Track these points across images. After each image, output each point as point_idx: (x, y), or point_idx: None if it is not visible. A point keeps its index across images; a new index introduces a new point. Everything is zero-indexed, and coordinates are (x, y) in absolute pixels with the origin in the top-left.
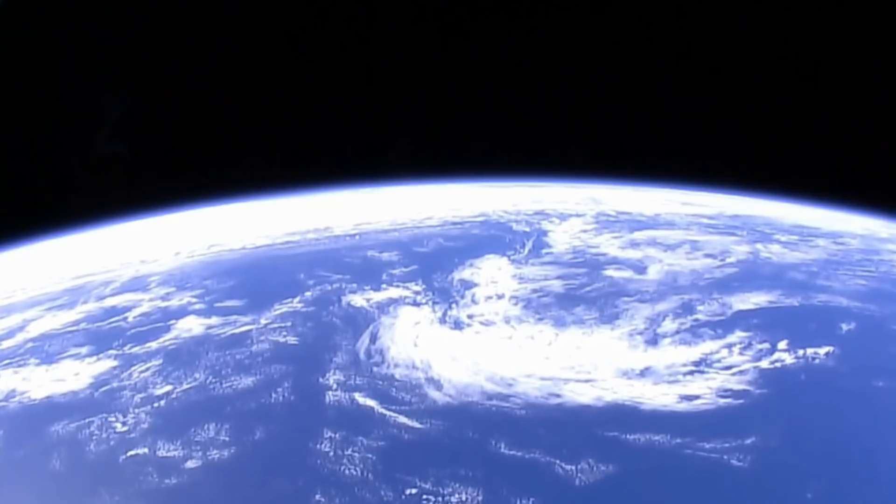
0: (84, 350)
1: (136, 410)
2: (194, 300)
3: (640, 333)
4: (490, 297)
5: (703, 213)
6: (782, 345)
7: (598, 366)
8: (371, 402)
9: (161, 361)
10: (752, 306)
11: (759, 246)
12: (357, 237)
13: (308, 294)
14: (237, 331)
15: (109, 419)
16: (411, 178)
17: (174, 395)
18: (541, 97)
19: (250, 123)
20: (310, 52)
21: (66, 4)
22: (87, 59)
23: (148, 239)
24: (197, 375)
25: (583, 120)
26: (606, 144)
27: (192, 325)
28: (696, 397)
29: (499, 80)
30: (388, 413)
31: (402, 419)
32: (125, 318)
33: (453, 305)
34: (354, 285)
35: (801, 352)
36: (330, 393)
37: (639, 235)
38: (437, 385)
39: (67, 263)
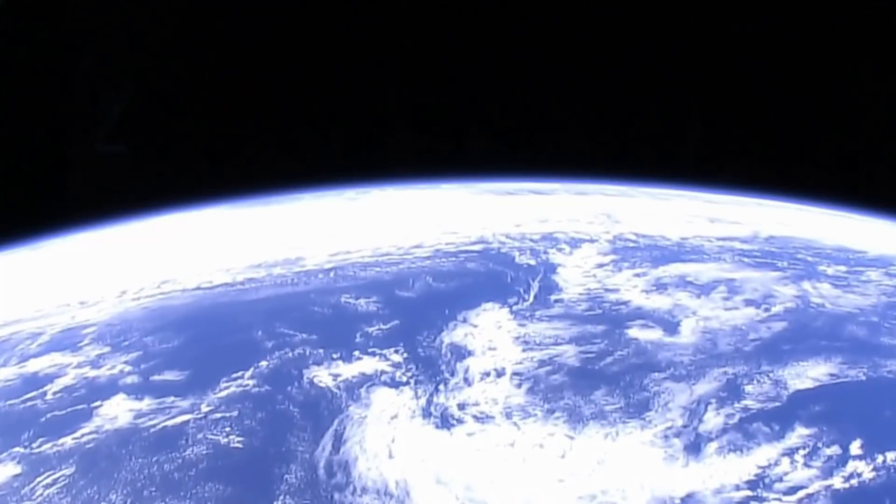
0: None
1: None
2: (128, 368)
3: (678, 434)
4: (487, 375)
5: (735, 236)
6: (855, 447)
7: (627, 493)
8: None
9: (73, 469)
10: (810, 384)
11: (806, 286)
12: (331, 274)
13: (263, 364)
14: (171, 422)
15: None
16: (407, 178)
17: None
18: (543, 91)
19: (246, 121)
20: (307, 47)
21: (67, 3)
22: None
23: (110, 258)
24: (112, 496)
25: (588, 116)
26: (614, 141)
27: (118, 411)
28: None
29: (498, 74)
30: None
31: None
32: (44, 395)
33: (441, 387)
34: (321, 351)
35: (879, 458)
36: None
37: (664, 272)
38: None
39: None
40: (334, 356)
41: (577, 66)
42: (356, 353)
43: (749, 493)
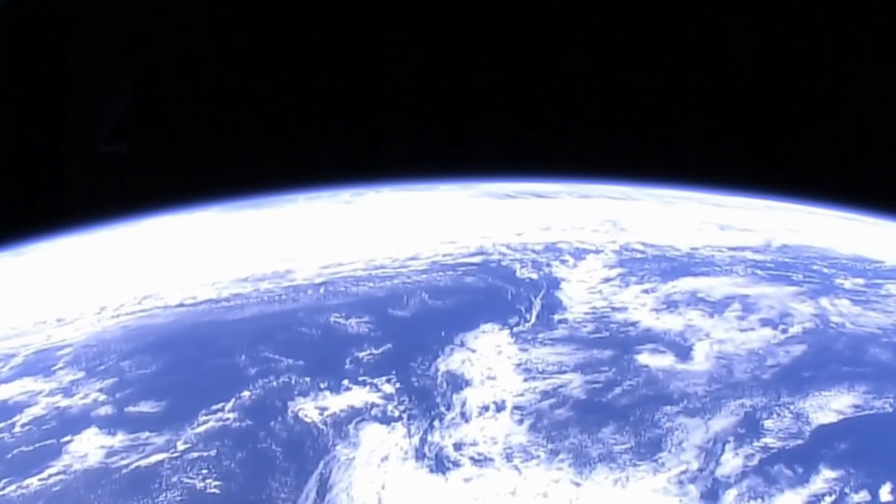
0: None
1: None
2: (102, 397)
3: (694, 479)
4: (486, 409)
5: (747, 245)
6: (885, 492)
7: None
8: None
9: None
10: (834, 417)
11: (824, 302)
12: (321, 289)
13: (246, 394)
14: (144, 462)
15: None
16: (405, 179)
17: None
18: (543, 90)
19: (243, 121)
20: (304, 45)
21: (67, 5)
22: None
23: (96, 266)
24: None
25: (589, 115)
26: (614, 140)
27: (89, 448)
28: None
29: (499, 73)
30: None
31: None
32: (12, 427)
33: (436, 423)
34: (307, 380)
35: None
36: None
37: (675, 287)
38: None
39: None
40: (321, 385)
41: (578, 65)
42: (345, 382)
43: None
